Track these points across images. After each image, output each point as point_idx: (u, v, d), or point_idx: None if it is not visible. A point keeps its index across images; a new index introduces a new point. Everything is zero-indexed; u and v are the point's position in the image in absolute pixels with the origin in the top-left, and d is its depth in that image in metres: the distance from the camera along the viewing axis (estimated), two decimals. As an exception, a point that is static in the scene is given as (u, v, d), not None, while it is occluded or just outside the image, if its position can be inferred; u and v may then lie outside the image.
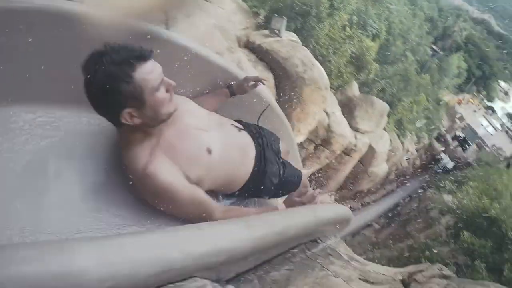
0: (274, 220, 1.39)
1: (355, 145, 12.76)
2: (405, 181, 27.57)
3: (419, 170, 29.52)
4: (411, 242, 12.48)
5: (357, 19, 13.44)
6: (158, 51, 1.45)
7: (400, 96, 17.50)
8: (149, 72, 1.29)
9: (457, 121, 33.54)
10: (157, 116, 1.36)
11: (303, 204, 1.85)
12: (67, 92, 1.46)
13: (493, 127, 47.06)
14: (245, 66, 3.72)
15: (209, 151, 1.54)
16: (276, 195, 2.09)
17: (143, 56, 1.29)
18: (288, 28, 9.50)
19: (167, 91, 1.37)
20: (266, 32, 8.29)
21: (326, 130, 10.49)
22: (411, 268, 2.10)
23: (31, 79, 1.48)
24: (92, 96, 1.28)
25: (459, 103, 39.03)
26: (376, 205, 22.34)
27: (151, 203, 1.48)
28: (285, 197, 2.09)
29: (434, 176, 28.15)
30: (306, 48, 8.48)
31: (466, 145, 33.90)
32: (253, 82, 2.06)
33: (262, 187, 1.87)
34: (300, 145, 10.42)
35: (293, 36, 8.83)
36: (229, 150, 1.69)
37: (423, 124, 23.06)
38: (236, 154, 1.75)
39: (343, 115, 11.90)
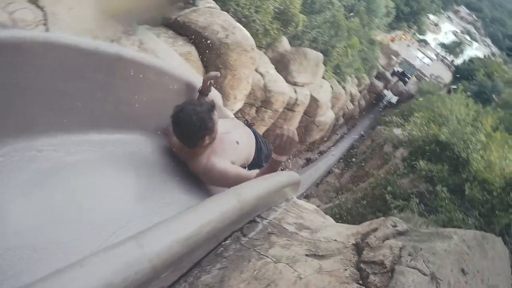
0: (178, 225, 1.22)
1: (297, 99, 12.94)
2: (355, 123, 28.62)
3: (365, 110, 30.68)
4: (372, 180, 12.88)
5: (274, -27, 13.28)
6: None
7: (333, 43, 17.72)
8: (216, 114, 2.19)
9: (393, 57, 34.72)
10: (215, 137, 2.25)
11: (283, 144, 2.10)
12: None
13: (429, 58, 49.21)
14: (150, 46, 3.65)
15: (237, 143, 2.45)
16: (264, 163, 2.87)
17: (214, 105, 2.20)
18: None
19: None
20: (182, 4, 8.07)
21: (263, 90, 10.55)
22: (364, 227, 1.92)
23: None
24: (186, 133, 2.12)
25: (392, 40, 40.21)
26: (333, 151, 23.04)
27: (213, 184, 2.32)
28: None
29: (381, 113, 29.40)
30: (225, 13, 8.34)
31: (406, 79, 35.29)
32: (211, 81, 2.75)
33: (259, 161, 2.75)
34: (241, 111, 10.46)
35: (210, 2, 8.66)
36: (245, 140, 2.61)
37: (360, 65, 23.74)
38: (249, 141, 2.67)
39: (278, 72, 11.94)
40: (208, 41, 7.35)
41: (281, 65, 12.69)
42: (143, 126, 2.53)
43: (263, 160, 2.77)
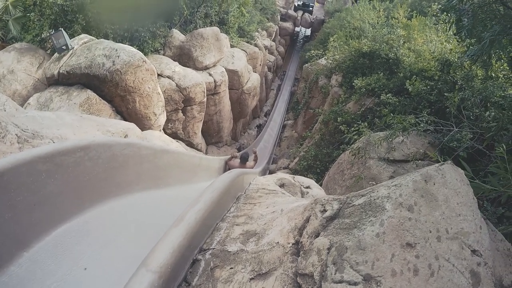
0: None
1: (215, 81, 12.82)
2: (284, 71, 28.89)
3: (287, 54, 30.97)
4: (322, 118, 12.85)
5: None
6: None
7: (225, 9, 17.55)
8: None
9: (289, -7, 34.78)
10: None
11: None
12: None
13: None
14: (31, 130, 3.48)
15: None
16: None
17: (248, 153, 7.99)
18: (75, 33, 8.99)
19: None
20: (57, 55, 7.70)
21: (178, 91, 10.39)
22: (299, 217, 1.98)
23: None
24: (246, 157, 7.28)
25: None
26: (277, 106, 23.32)
27: None
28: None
29: (302, 50, 29.72)
30: (103, 40, 8.02)
31: (310, 8, 35.52)
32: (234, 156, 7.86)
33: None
34: (169, 121, 10.33)
35: (86, 37, 8.32)
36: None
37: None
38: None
39: (184, 65, 11.82)
40: (99, 77, 7.16)
41: (184, 57, 12.49)
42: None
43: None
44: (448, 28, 7.42)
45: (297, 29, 34.08)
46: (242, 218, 2.61)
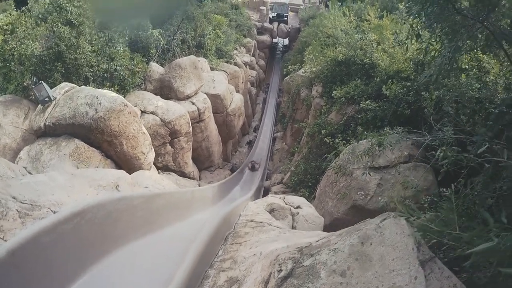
0: None
1: (198, 109, 13.02)
2: (267, 84, 29.15)
3: (268, 66, 31.28)
4: (308, 131, 13.02)
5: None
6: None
7: (201, 33, 17.89)
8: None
9: (262, 7, 35.14)
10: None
11: None
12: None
13: (291, -13, 50.36)
14: (27, 199, 3.68)
15: None
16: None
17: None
18: (56, 81, 9.14)
19: None
20: (40, 106, 7.85)
21: (164, 125, 10.58)
22: (267, 271, 2.09)
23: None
24: (254, 168, 17.42)
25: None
26: (264, 120, 23.31)
27: None
28: None
29: (282, 61, 30.02)
30: (83, 87, 8.18)
31: (284, 18, 35.84)
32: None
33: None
34: (158, 155, 10.42)
35: (66, 85, 8.46)
36: None
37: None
38: None
39: (165, 97, 12.08)
40: (84, 126, 7.34)
41: (165, 89, 12.67)
42: None
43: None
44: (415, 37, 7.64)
45: (275, 40, 34.50)
46: (228, 263, 2.80)
